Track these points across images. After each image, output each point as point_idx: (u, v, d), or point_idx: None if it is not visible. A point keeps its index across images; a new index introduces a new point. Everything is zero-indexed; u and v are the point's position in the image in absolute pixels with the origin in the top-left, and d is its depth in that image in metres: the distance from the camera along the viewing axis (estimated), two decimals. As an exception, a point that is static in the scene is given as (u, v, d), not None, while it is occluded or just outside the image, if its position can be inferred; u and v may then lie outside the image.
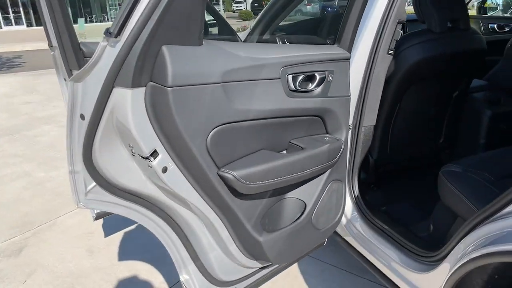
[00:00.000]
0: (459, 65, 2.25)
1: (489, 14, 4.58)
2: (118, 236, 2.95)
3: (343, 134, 1.80)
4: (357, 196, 2.00)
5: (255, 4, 35.13)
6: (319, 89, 1.64)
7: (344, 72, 1.74)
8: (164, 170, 1.32)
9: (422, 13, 2.09)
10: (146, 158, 1.28)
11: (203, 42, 1.29)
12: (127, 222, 3.05)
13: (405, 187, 2.51)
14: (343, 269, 2.51)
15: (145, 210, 1.49)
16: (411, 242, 1.78)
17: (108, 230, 3.02)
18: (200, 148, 1.34)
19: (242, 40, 2.80)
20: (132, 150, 1.30)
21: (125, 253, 2.75)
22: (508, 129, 2.57)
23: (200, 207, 1.47)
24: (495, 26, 3.73)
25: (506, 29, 3.48)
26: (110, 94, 1.19)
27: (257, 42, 2.76)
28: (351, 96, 1.80)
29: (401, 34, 1.83)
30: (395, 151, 2.36)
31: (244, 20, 27.36)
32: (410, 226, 2.04)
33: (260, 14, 2.93)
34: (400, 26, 1.76)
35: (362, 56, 1.77)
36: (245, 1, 39.62)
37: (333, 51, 1.71)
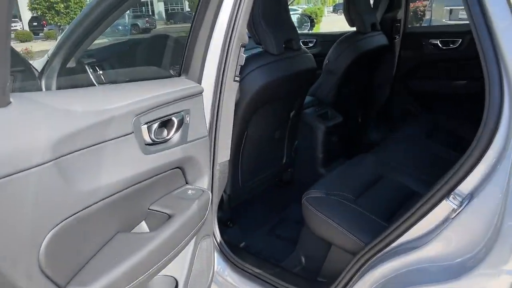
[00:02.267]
0: (296, 85, 2.22)
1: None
2: None
3: (205, 181, 1.54)
4: (220, 241, 1.77)
5: (34, 24, 30.11)
6: (177, 135, 1.34)
7: (199, 109, 1.48)
8: None
9: (258, 35, 1.97)
10: None
11: (11, 100, 0.84)
12: None
13: (259, 216, 2.39)
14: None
15: None
16: (288, 282, 1.63)
17: None
18: (28, 272, 0.89)
19: (39, 71, 2.20)
20: None
21: None
22: (339, 140, 2.69)
23: None
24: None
25: (310, 44, 3.71)
26: None
27: (66, 73, 2.19)
28: None
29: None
30: (245, 181, 2.22)
31: (23, 41, 23.88)
32: (281, 262, 1.91)
33: (64, 33, 2.24)
34: (243, 50, 1.60)
35: (209, 87, 1.54)
36: (20, 20, 33.15)
37: (185, 85, 1.43)
